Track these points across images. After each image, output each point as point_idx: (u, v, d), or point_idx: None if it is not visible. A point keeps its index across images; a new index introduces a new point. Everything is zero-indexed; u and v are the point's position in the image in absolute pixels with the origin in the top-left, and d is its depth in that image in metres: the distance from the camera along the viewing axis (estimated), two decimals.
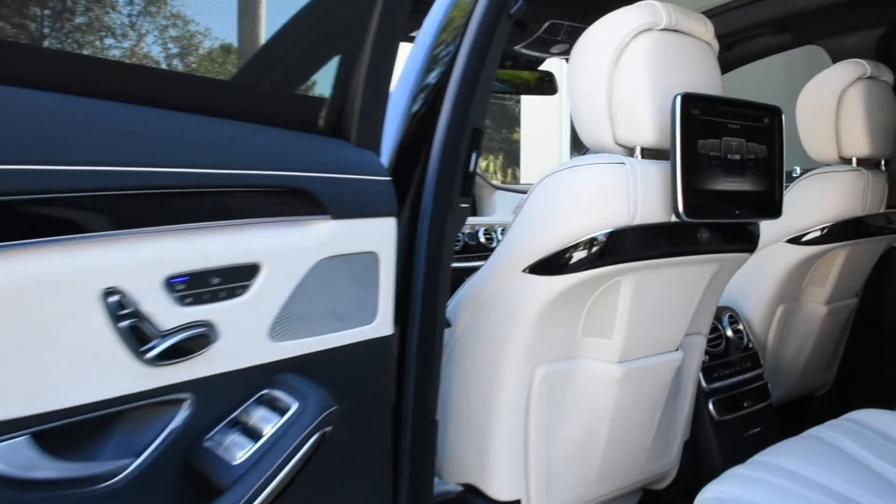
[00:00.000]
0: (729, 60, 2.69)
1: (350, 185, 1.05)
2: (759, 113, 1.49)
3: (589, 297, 1.47)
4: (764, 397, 2.17)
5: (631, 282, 1.45)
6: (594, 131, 1.45)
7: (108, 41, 1.04)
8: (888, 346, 2.66)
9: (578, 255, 1.36)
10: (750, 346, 2.19)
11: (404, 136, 1.32)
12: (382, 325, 1.12)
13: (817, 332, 2.40)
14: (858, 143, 2.19)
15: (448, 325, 1.55)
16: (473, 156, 1.37)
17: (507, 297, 1.45)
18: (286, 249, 0.99)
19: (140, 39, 1.06)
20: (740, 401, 2.09)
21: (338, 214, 1.02)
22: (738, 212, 1.46)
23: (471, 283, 1.54)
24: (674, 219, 1.39)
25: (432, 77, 1.37)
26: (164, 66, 1.10)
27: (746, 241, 1.62)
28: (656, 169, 1.39)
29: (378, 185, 1.09)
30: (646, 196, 1.37)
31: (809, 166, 2.55)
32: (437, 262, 1.31)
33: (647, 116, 1.39)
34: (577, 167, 1.38)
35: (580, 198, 1.36)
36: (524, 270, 1.41)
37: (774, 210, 1.54)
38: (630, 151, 1.44)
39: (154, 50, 1.07)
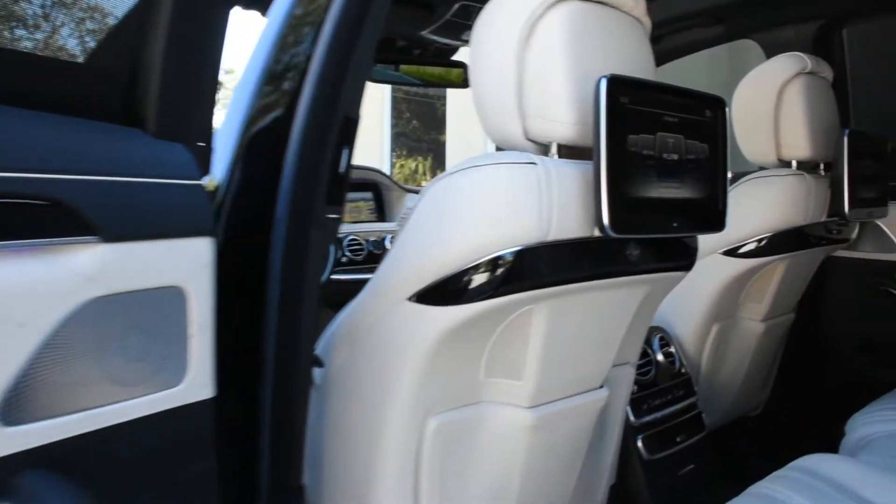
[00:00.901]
0: (656, 55, 2.47)
1: (135, 192, 0.73)
2: (700, 104, 1.23)
3: (493, 330, 1.19)
4: (698, 428, 1.94)
5: (545, 311, 1.18)
6: (500, 124, 1.18)
7: None
8: (824, 361, 2.47)
9: (479, 280, 1.08)
10: (683, 370, 1.96)
11: (250, 127, 1.02)
12: (195, 386, 0.81)
13: (754, 351, 2.20)
14: (799, 144, 1.99)
15: (319, 364, 1.25)
16: (345, 152, 1.07)
17: (390, 332, 1.15)
18: (23, 290, 0.67)
19: None
20: (673, 435, 1.85)
21: (112, 235, 0.70)
22: (675, 224, 1.21)
23: (348, 311, 1.24)
24: (597, 233, 1.12)
25: (292, 52, 1.07)
26: None
27: (683, 258, 1.37)
28: (576, 171, 1.12)
29: (182, 191, 0.77)
30: (563, 205, 1.09)
31: (744, 169, 2.36)
32: (295, 291, 1.01)
33: (565, 106, 1.13)
34: (476, 168, 1.09)
35: (480, 207, 1.08)
36: (410, 298, 1.11)
37: (718, 222, 1.29)
38: (544, 149, 1.17)
39: None
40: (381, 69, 2.29)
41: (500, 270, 1.08)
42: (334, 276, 2.35)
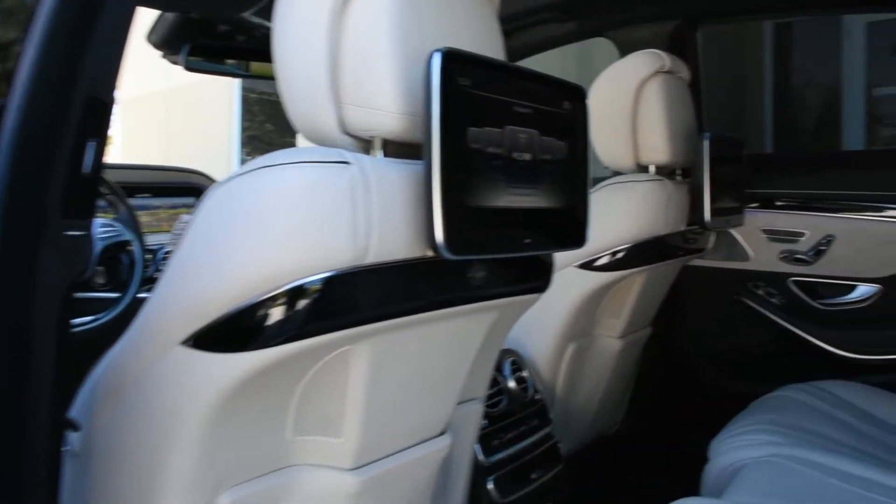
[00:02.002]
0: (507, 53, 2.30)
1: None
2: (558, 93, 1.02)
3: (300, 378, 0.93)
4: (555, 461, 1.75)
5: (366, 351, 0.94)
6: (309, 113, 0.93)
7: None
8: (681, 375, 2.37)
9: (275, 317, 0.82)
10: (537, 396, 1.76)
11: None
12: None
13: (611, 370, 2.05)
14: (658, 147, 1.85)
15: (75, 427, 0.95)
16: (91, 146, 0.79)
17: (160, 386, 0.88)
18: None
19: None
20: (527, 472, 1.65)
21: None
22: (528, 240, 0.99)
23: (111, 358, 0.95)
24: (430, 254, 0.88)
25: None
26: None
27: (538, 278, 1.17)
28: (403, 174, 0.89)
29: None
30: (385, 218, 0.86)
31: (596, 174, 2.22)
32: (23, 339, 0.72)
33: (391, 90, 0.90)
34: (269, 169, 0.84)
35: (274, 221, 0.82)
36: (185, 343, 0.84)
37: (578, 236, 1.10)
38: (366, 146, 0.92)
39: None
40: (197, 61, 1.99)
41: (303, 304, 0.82)
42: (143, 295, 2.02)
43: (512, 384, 1.68)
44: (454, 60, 0.85)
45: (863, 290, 2.14)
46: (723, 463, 1.59)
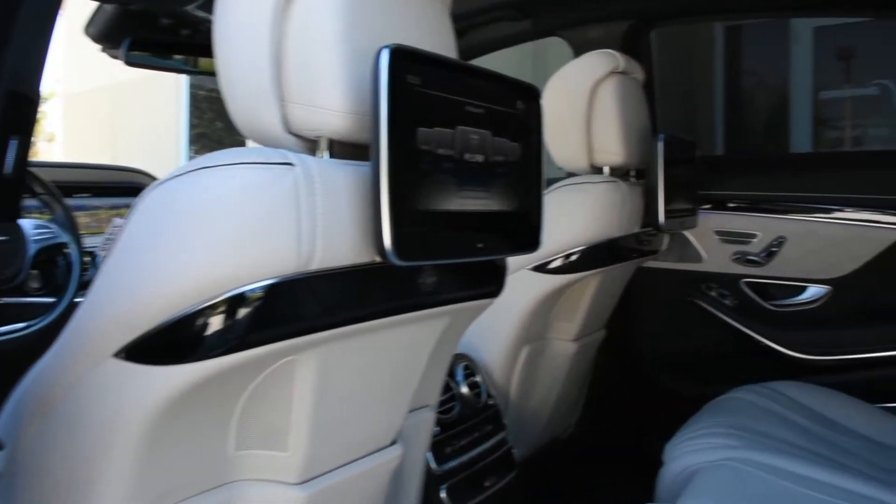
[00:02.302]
0: (460, 52, 2.27)
1: None
2: (511, 93, 0.99)
3: (243, 390, 0.89)
4: (509, 467, 1.72)
5: (313, 361, 0.90)
6: (252, 112, 0.89)
7: None
8: (635, 377, 2.36)
9: (215, 327, 0.77)
10: (490, 401, 1.72)
11: None
12: None
13: (566, 373, 2.03)
14: (612, 148, 1.83)
15: None
16: (13, 145, 0.73)
17: (91, 400, 0.82)
18: None
19: None
20: (481, 479, 1.62)
21: None
22: (481, 245, 0.95)
23: (38, 371, 0.89)
24: (378, 260, 0.84)
25: None
26: None
27: (491, 283, 1.14)
28: (350, 175, 0.85)
29: None
30: (331, 221, 0.81)
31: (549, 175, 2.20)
32: None
33: (338, 88, 0.86)
34: (208, 170, 0.79)
35: (212, 224, 0.77)
36: (117, 355, 0.79)
37: (532, 240, 1.06)
38: (311, 147, 0.88)
39: None
40: (139, 56, 1.92)
41: (244, 313, 0.78)
42: (80, 300, 1.94)
43: (465, 390, 1.65)
44: (403, 57, 0.82)
45: (813, 291, 2.15)
46: (677, 467, 1.58)
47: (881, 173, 2.16)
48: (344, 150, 0.90)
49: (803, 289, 2.16)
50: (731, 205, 2.23)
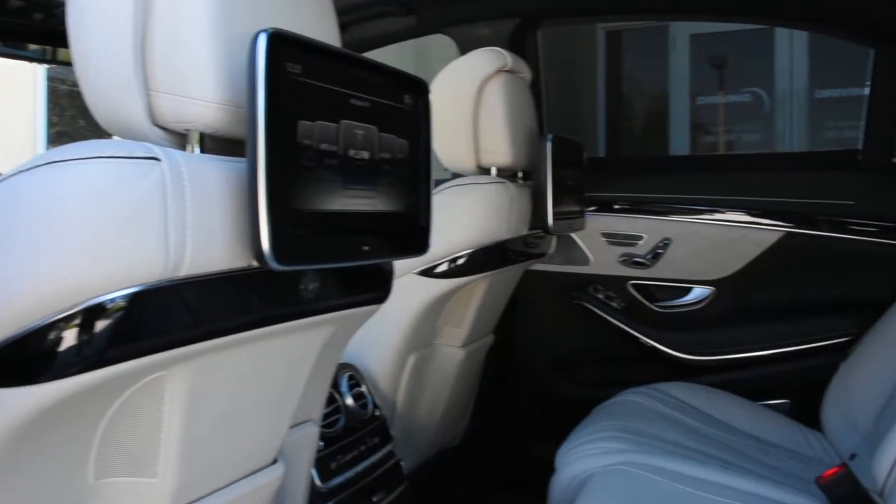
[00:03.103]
0: (343, 46, 2.19)
1: None
2: (398, 86, 0.93)
3: (103, 412, 0.79)
4: (397, 480, 1.66)
5: (183, 376, 0.81)
6: (113, 102, 0.80)
7: None
8: (523, 382, 2.34)
9: (70, 341, 0.68)
10: (376, 412, 1.65)
11: None
12: None
13: (454, 381, 1.98)
14: (500, 148, 1.79)
15: None
16: None
17: None
18: None
19: None
20: (369, 494, 1.55)
21: None
22: (367, 248, 0.89)
23: None
24: (255, 264, 0.76)
25: None
26: None
27: (377, 288, 1.07)
28: (224, 172, 0.77)
29: None
30: (203, 222, 0.73)
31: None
32: None
33: (208, 76, 0.79)
34: (60, 164, 0.69)
35: (66, 226, 0.68)
36: None
37: (421, 242, 1.00)
38: (180, 141, 0.80)
39: None
40: None
41: (104, 325, 0.68)
42: None
43: (350, 401, 1.57)
44: (282, 43, 0.74)
45: (698, 292, 2.18)
46: (570, 473, 1.55)
47: (760, 176, 2.22)
48: (217, 144, 0.82)
49: (688, 290, 2.19)
50: (617, 207, 2.24)
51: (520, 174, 1.94)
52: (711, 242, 2.13)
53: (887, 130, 2.06)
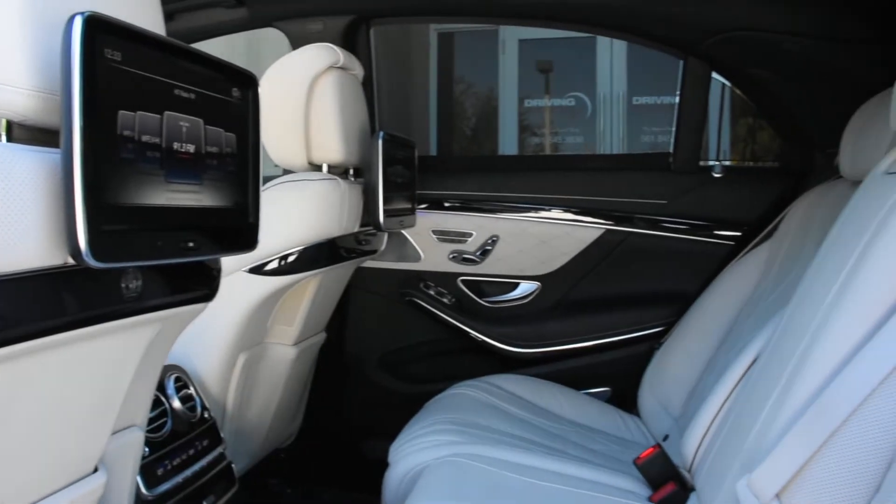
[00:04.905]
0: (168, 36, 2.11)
1: None
2: (226, 79, 0.91)
3: None
4: (229, 483, 1.62)
5: None
6: None
7: None
8: (355, 380, 2.34)
9: None
10: (206, 414, 1.60)
11: None
12: None
13: (286, 380, 1.95)
14: (331, 145, 1.79)
15: None
16: None
17: None
18: None
19: None
20: (199, 499, 1.50)
21: None
22: (192, 244, 0.86)
23: None
24: (72, 262, 0.72)
25: None
26: None
27: (203, 286, 1.04)
28: (34, 164, 0.73)
29: None
30: (11, 218, 0.69)
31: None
32: None
33: (17, 60, 0.74)
34: None
35: None
36: None
37: (249, 238, 0.99)
38: None
39: None
40: None
41: None
42: None
43: (177, 404, 1.51)
44: (100, 28, 0.70)
45: (524, 287, 2.26)
46: (403, 468, 1.57)
47: (583, 176, 2.32)
48: (28, 134, 0.77)
49: (516, 285, 2.27)
50: (448, 205, 2.28)
51: (351, 171, 1.94)
52: (537, 239, 2.22)
53: (694, 136, 2.21)
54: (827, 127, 1.91)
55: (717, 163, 2.27)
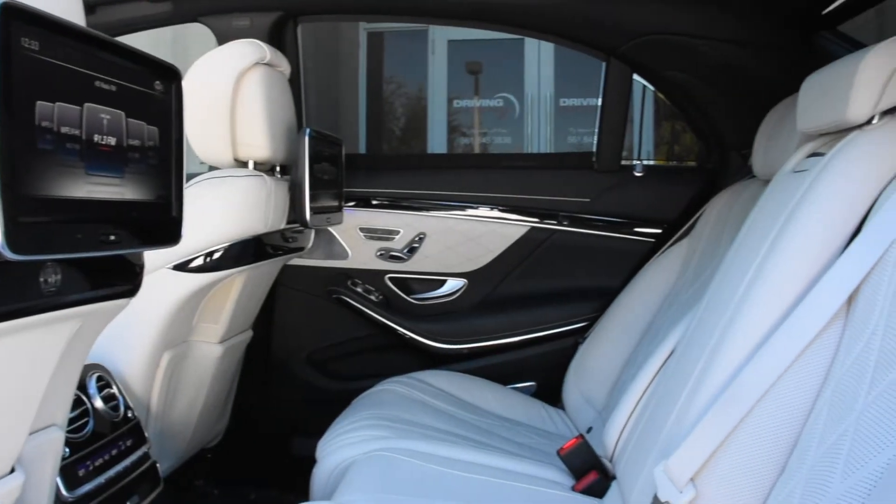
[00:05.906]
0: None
1: None
2: (149, 71, 0.90)
3: None
4: (153, 483, 1.60)
5: None
6: None
7: None
8: (283, 378, 2.33)
9: None
10: (129, 414, 1.58)
11: None
12: None
13: (212, 378, 1.93)
14: (257, 141, 1.78)
15: None
16: None
17: None
18: None
19: None
20: (122, 500, 1.47)
21: None
22: (113, 238, 0.85)
23: None
24: None
25: None
26: None
27: (125, 281, 1.03)
28: None
29: None
30: None
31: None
32: None
33: None
34: None
35: None
36: None
37: (172, 233, 0.98)
38: None
39: None
40: None
41: None
42: None
43: (99, 403, 1.49)
44: (16, 16, 0.69)
45: (451, 284, 2.29)
46: (331, 463, 1.58)
47: (510, 174, 2.36)
48: None
49: (443, 282, 2.29)
50: (375, 202, 2.29)
51: (278, 168, 1.93)
52: (464, 237, 2.24)
53: (616, 136, 2.27)
54: (741, 128, 1.98)
55: (638, 162, 2.33)
